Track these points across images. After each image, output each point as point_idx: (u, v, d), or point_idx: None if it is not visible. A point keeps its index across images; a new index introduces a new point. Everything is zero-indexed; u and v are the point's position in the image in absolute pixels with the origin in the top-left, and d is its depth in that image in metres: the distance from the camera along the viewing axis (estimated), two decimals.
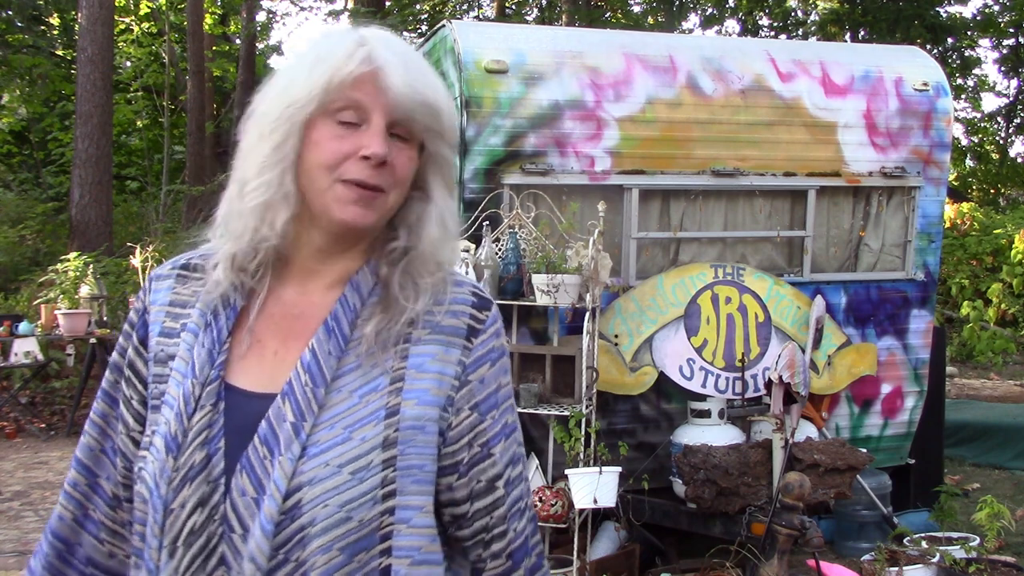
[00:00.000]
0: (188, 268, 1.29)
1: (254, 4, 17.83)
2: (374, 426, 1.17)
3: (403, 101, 1.16)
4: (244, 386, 1.20)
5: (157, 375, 1.24)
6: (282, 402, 1.17)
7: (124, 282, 10.11)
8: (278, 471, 1.13)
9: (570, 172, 4.58)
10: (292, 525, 1.12)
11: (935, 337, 5.47)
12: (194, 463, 1.15)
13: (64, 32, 18.63)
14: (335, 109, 1.17)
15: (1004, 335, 10.92)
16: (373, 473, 1.15)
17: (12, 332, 8.34)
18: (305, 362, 1.18)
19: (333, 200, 1.17)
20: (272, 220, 1.19)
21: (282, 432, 1.15)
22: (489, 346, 1.27)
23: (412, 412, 1.19)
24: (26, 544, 5.44)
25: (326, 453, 1.14)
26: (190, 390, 1.18)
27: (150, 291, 1.29)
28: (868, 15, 18.25)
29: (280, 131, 1.18)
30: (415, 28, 18.47)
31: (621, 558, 4.27)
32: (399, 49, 1.20)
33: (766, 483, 4.15)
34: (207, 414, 1.17)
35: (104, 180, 11.60)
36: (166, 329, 1.25)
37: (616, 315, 4.58)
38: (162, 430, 1.18)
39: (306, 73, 1.18)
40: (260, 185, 1.19)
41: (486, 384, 1.26)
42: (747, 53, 5.09)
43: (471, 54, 4.45)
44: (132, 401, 1.27)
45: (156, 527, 1.15)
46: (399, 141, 1.19)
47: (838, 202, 5.21)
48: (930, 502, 5.18)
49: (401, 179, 1.20)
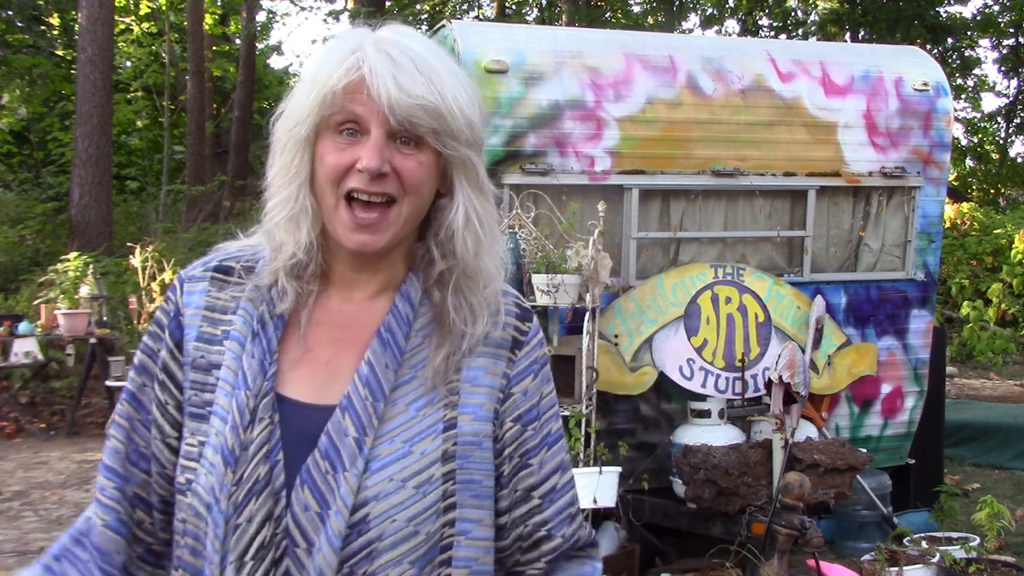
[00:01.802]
0: (223, 271, 1.25)
1: (254, 4, 17.83)
2: (432, 440, 1.18)
3: (397, 107, 1.12)
4: (297, 397, 1.19)
5: (197, 382, 1.21)
6: (342, 416, 1.16)
7: (124, 282, 10.11)
8: (344, 487, 1.13)
9: (570, 172, 4.58)
10: (359, 540, 1.13)
11: (935, 337, 5.47)
12: (258, 477, 1.14)
13: (64, 32, 18.63)
14: (335, 123, 1.16)
15: (1004, 335, 10.93)
16: (435, 487, 1.17)
17: (12, 332, 8.35)
18: (363, 375, 1.17)
19: (340, 225, 1.17)
20: (297, 235, 1.19)
21: (344, 447, 1.15)
22: (532, 358, 1.28)
23: (469, 428, 1.21)
24: (26, 544, 5.43)
25: (389, 468, 1.15)
26: (244, 402, 1.16)
27: (182, 292, 1.25)
28: (868, 15, 18.26)
29: (289, 150, 1.19)
30: (415, 28, 18.47)
31: (621, 558, 4.27)
32: (397, 49, 1.16)
33: (766, 483, 4.15)
34: (266, 427, 1.16)
35: (104, 180, 11.61)
36: (205, 334, 1.22)
37: (616, 315, 4.58)
38: (214, 442, 1.16)
39: (306, 88, 1.17)
40: (279, 202, 1.20)
41: (529, 396, 1.27)
42: (747, 53, 5.09)
43: (471, 54, 4.45)
44: (167, 406, 1.23)
45: (217, 542, 1.13)
46: (406, 147, 1.16)
47: (838, 202, 5.21)
48: (930, 502, 5.18)
49: (412, 186, 1.17)
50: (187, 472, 1.18)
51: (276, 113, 1.23)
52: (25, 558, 5.18)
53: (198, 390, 1.20)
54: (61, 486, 6.75)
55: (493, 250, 1.24)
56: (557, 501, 1.29)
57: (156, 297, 9.39)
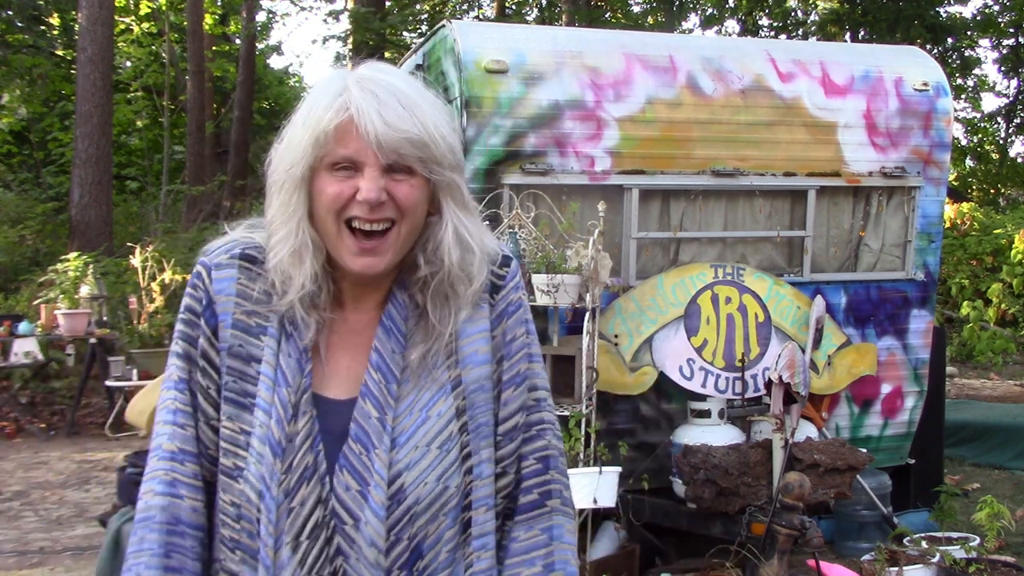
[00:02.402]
0: (249, 260, 1.34)
1: (254, 4, 17.82)
2: (444, 400, 1.32)
3: (384, 142, 1.23)
4: (333, 395, 1.32)
5: (236, 370, 1.30)
6: (363, 402, 1.29)
7: (124, 282, 10.11)
8: (378, 462, 1.26)
9: (570, 172, 4.58)
10: (399, 508, 1.27)
11: (935, 337, 5.47)
12: (307, 465, 1.26)
13: (64, 32, 18.62)
14: (329, 163, 1.26)
15: (1004, 335, 10.92)
16: (455, 442, 1.31)
17: (12, 332, 8.35)
18: (374, 362, 1.31)
19: (344, 251, 1.28)
20: (302, 267, 1.29)
21: (370, 428, 1.28)
22: (508, 299, 1.40)
23: (471, 376, 1.34)
24: (26, 544, 5.43)
25: (413, 437, 1.28)
26: (287, 398, 1.27)
27: (210, 280, 1.33)
28: (868, 15, 18.25)
29: (286, 188, 1.29)
30: (415, 28, 18.47)
31: (621, 558, 4.27)
32: (380, 87, 1.25)
33: (766, 483, 4.15)
34: (308, 420, 1.28)
35: (104, 180, 11.60)
36: (240, 323, 1.31)
37: (616, 315, 4.58)
38: (259, 433, 1.27)
39: (299, 131, 1.27)
40: (282, 238, 1.29)
41: (506, 335, 1.39)
42: (747, 53, 5.09)
43: (471, 54, 4.45)
44: (210, 391, 1.31)
45: (271, 525, 1.25)
46: (398, 174, 1.26)
47: (838, 202, 5.21)
48: (930, 502, 5.18)
49: (407, 208, 1.27)
50: (233, 457, 1.29)
51: (268, 157, 1.33)
52: (25, 558, 5.18)
53: (237, 377, 1.30)
54: (61, 486, 6.75)
55: (479, 257, 1.35)
56: (517, 440, 1.38)
57: (156, 297, 9.39)
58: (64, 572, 4.97)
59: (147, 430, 4.42)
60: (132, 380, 8.02)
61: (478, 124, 4.42)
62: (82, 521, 5.87)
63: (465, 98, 4.40)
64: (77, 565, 5.05)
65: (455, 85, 4.45)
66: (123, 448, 7.38)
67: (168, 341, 9.01)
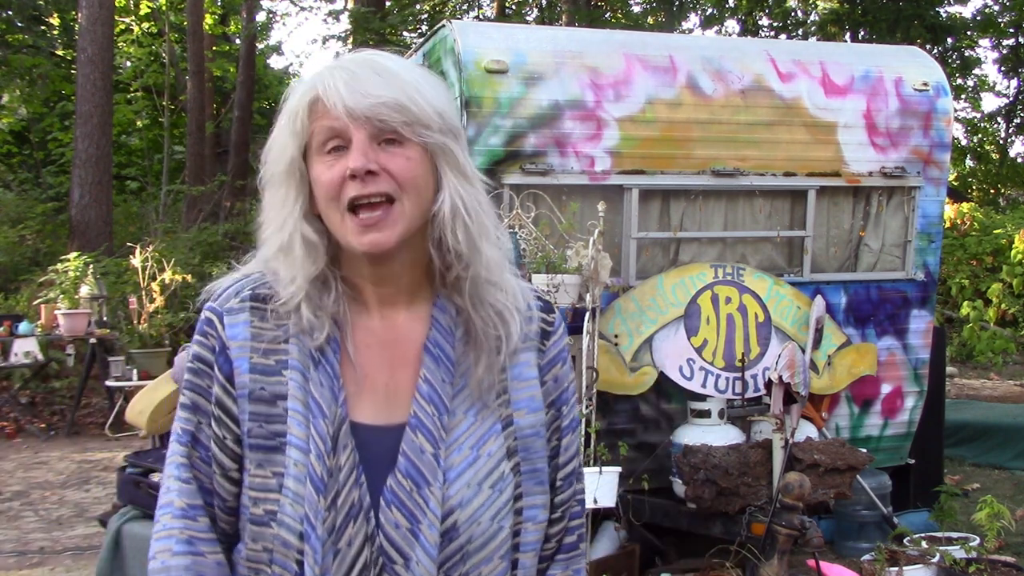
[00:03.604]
0: (260, 299, 1.26)
1: (254, 4, 17.81)
2: (495, 440, 1.26)
3: (356, 109, 1.17)
4: (365, 420, 1.24)
5: (260, 414, 1.22)
6: (414, 435, 1.22)
7: (124, 282, 10.11)
8: (433, 501, 1.20)
9: (570, 172, 4.58)
10: (451, 545, 1.21)
11: (935, 337, 5.47)
12: (353, 501, 1.19)
13: (64, 32, 18.63)
14: (318, 144, 1.21)
15: (1004, 335, 10.92)
16: (508, 483, 1.26)
17: (12, 332, 8.35)
18: (425, 393, 1.23)
19: (350, 234, 1.20)
20: (295, 268, 1.23)
21: (423, 464, 1.21)
22: (560, 347, 1.37)
23: (525, 421, 1.30)
24: (26, 544, 5.43)
25: (464, 475, 1.23)
26: (325, 430, 1.20)
27: (223, 326, 1.25)
28: (868, 15, 18.24)
29: (275, 184, 1.24)
30: (415, 28, 18.46)
31: (621, 558, 4.26)
32: (356, 63, 1.21)
33: (766, 483, 4.15)
34: (350, 453, 1.20)
35: (104, 180, 11.61)
36: (258, 365, 1.23)
37: (616, 315, 4.58)
38: (295, 472, 1.19)
39: (280, 126, 1.24)
40: (270, 235, 1.25)
41: (559, 382, 1.35)
42: (747, 53, 5.09)
43: (471, 54, 4.45)
44: (226, 441, 1.24)
45: (317, 567, 1.17)
46: (390, 146, 1.19)
47: (838, 202, 5.21)
48: (930, 502, 5.18)
49: (406, 181, 1.20)
50: (265, 503, 1.21)
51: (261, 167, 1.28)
52: (25, 558, 5.18)
53: (262, 421, 1.22)
54: (61, 486, 6.75)
55: (487, 235, 1.27)
56: (574, 484, 1.38)
57: (156, 297, 9.40)
58: (64, 572, 4.97)
59: (147, 430, 4.42)
60: (132, 380, 8.02)
61: (478, 124, 4.42)
62: (82, 521, 5.87)
63: (465, 98, 4.40)
64: (77, 565, 5.05)
65: (455, 85, 4.45)
66: (123, 448, 7.37)
67: (168, 341, 9.05)
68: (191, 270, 10.38)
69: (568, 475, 1.36)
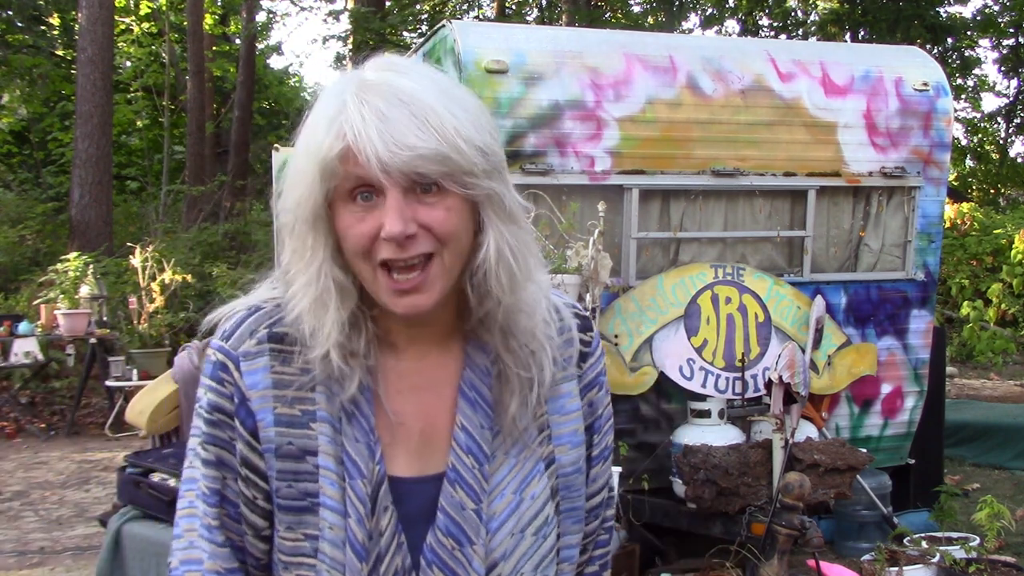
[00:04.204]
0: (280, 340, 1.15)
1: (254, 4, 17.81)
2: (538, 481, 1.18)
3: (392, 165, 1.02)
4: (401, 474, 1.15)
5: (288, 472, 1.13)
6: (454, 489, 1.14)
7: (124, 282, 10.12)
8: (476, 560, 1.12)
9: (570, 172, 4.58)
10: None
11: (935, 337, 5.47)
12: (397, 568, 1.12)
13: (64, 32, 18.63)
14: (346, 191, 1.07)
15: (1004, 335, 10.91)
16: (551, 528, 1.19)
17: (12, 332, 8.35)
18: (463, 443, 1.15)
19: (384, 293, 1.09)
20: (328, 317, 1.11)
21: (465, 521, 1.13)
22: (597, 369, 1.28)
23: (568, 458, 1.22)
24: (26, 544, 5.44)
25: (507, 523, 1.15)
26: (364, 491, 1.11)
27: (240, 373, 1.13)
28: (868, 15, 18.24)
29: (298, 231, 1.11)
30: (415, 28, 18.47)
31: (621, 558, 4.27)
32: (383, 96, 1.05)
33: (766, 483, 4.15)
34: (391, 516, 1.12)
35: (104, 180, 11.61)
36: (284, 417, 1.13)
37: (616, 315, 4.58)
38: (331, 536, 1.11)
39: (302, 162, 1.09)
40: (302, 287, 1.12)
41: (594, 407, 1.28)
42: (747, 53, 5.09)
43: (471, 54, 4.45)
44: (256, 501, 1.14)
45: None
46: (428, 195, 1.06)
47: (838, 202, 5.21)
48: (930, 502, 5.18)
49: (446, 235, 1.07)
50: (298, 568, 1.13)
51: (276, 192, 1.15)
52: (25, 558, 5.18)
53: (291, 480, 1.13)
54: (61, 486, 6.75)
55: (530, 277, 1.16)
56: (601, 514, 1.31)
57: (156, 297, 9.40)
58: (64, 572, 4.97)
59: (147, 430, 4.42)
60: (132, 380, 8.03)
61: None
62: (82, 521, 5.87)
63: None
64: (77, 565, 5.05)
65: None
66: (123, 448, 7.38)
67: (168, 341, 9.05)
68: (191, 270, 10.39)
69: (595, 506, 1.29)
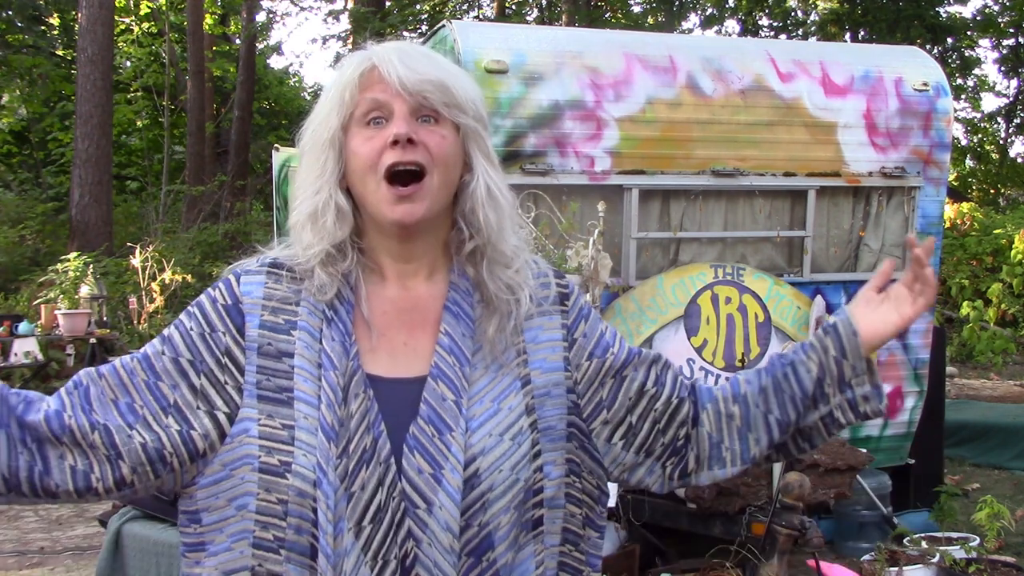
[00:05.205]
0: (278, 266, 1.33)
1: (254, 4, 17.83)
2: (515, 395, 1.31)
3: (408, 82, 1.26)
4: (383, 374, 1.29)
5: (267, 368, 1.27)
6: (436, 383, 1.27)
7: (124, 282, 10.12)
8: (455, 446, 1.24)
9: (570, 172, 4.58)
10: (474, 492, 1.24)
11: (935, 337, 5.47)
12: (365, 447, 1.23)
13: (64, 32, 18.64)
14: (360, 115, 1.28)
15: (1004, 335, 10.91)
16: (527, 437, 1.30)
17: (12, 332, 8.35)
18: (446, 345, 1.29)
19: (384, 203, 1.27)
20: (324, 233, 1.29)
21: (445, 411, 1.25)
22: (579, 304, 1.42)
23: (540, 380, 1.34)
24: (26, 544, 5.43)
25: (486, 424, 1.27)
26: (335, 381, 1.24)
27: (239, 284, 1.32)
28: (868, 15, 18.25)
29: (314, 152, 1.30)
30: (415, 28, 18.47)
31: (621, 558, 4.26)
32: (401, 46, 1.31)
33: (766, 483, 4.15)
34: (362, 402, 1.24)
35: (104, 180, 11.62)
36: (268, 323, 1.29)
37: (616, 315, 4.58)
38: (305, 424, 1.23)
39: (326, 96, 1.31)
40: (306, 199, 1.30)
41: (590, 335, 1.40)
42: (747, 53, 5.09)
43: (471, 54, 4.45)
44: (227, 386, 1.28)
45: (330, 512, 1.20)
46: (427, 124, 1.28)
47: (838, 202, 5.21)
48: (930, 502, 5.18)
49: (438, 157, 1.28)
50: (279, 454, 1.24)
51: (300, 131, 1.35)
52: (25, 558, 5.18)
53: (269, 375, 1.27)
54: None
55: (513, 227, 1.36)
56: (668, 378, 1.42)
57: (156, 297, 9.40)
58: (64, 572, 4.97)
59: None
60: None
61: None
62: (82, 521, 5.87)
63: None
64: (77, 565, 5.05)
65: None
66: None
67: None
68: (191, 270, 10.39)
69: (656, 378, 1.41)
